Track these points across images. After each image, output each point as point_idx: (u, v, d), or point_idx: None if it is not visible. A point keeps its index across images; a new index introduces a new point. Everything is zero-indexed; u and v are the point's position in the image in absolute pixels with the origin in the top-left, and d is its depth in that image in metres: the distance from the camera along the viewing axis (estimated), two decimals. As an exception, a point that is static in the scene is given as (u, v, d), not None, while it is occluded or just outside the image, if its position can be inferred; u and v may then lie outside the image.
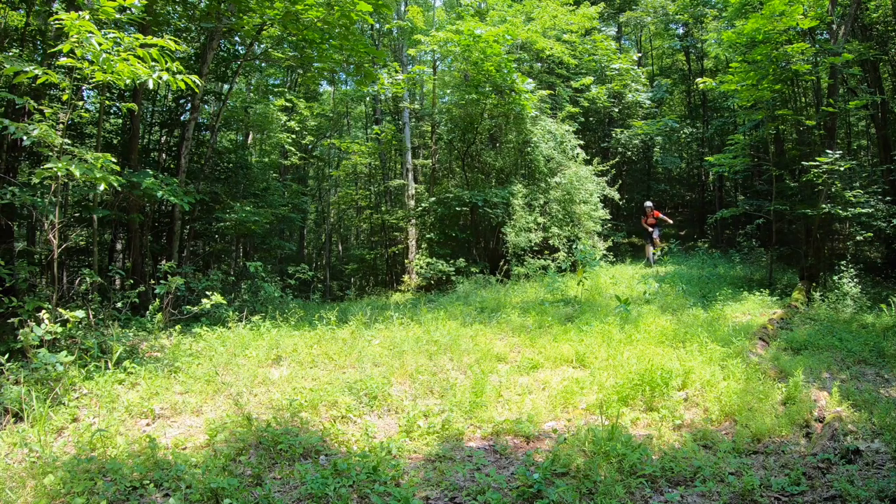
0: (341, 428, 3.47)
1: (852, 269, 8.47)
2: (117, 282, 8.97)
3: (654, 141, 18.56)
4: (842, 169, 8.84)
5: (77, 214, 9.22)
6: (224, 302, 5.97)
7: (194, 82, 4.86)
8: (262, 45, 11.28)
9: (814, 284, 9.05)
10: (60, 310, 4.29)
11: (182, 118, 11.80)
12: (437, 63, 17.83)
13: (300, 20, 9.02)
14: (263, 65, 13.55)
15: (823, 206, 9.14)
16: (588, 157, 14.07)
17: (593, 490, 2.68)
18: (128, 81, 4.81)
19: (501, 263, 11.23)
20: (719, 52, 15.81)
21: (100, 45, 4.44)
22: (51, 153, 4.71)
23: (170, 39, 4.75)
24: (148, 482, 2.68)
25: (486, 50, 11.38)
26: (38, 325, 4.02)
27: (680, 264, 12.92)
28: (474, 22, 12.41)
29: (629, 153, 17.93)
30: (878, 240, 12.06)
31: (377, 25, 17.70)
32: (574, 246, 11.15)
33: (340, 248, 24.01)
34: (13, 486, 2.64)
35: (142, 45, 4.74)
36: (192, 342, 5.18)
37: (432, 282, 12.40)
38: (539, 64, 15.71)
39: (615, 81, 17.13)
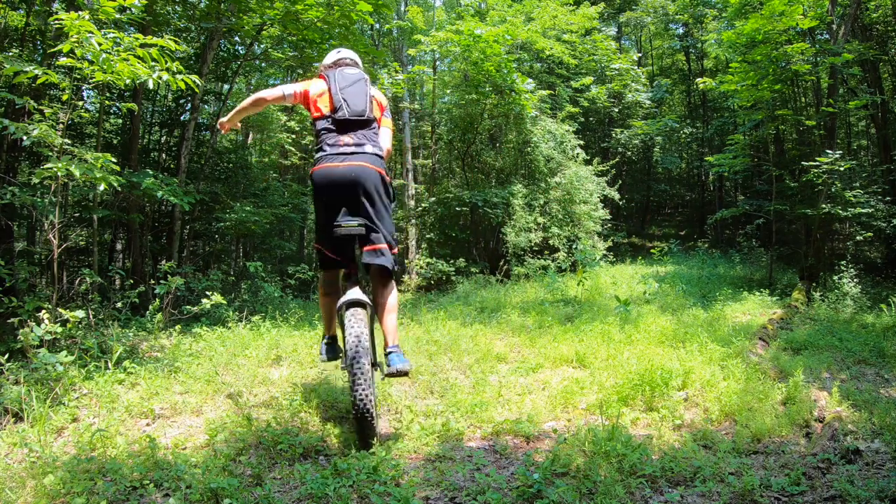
0: (341, 428, 3.47)
1: (852, 269, 8.48)
2: (117, 282, 8.97)
3: (654, 141, 18.58)
4: (842, 169, 8.84)
5: (77, 214, 9.21)
6: (224, 302, 5.95)
7: (194, 82, 4.85)
8: (262, 45, 11.28)
9: (814, 284, 9.05)
10: (60, 310, 4.28)
11: (182, 118, 11.80)
12: (437, 63, 17.83)
13: (300, 20, 9.02)
14: (263, 65, 13.53)
15: (823, 206, 9.14)
16: (588, 157, 14.07)
17: (593, 490, 2.67)
18: (128, 81, 4.80)
19: (501, 263, 11.23)
20: (719, 52, 15.84)
21: (100, 45, 4.44)
22: (51, 153, 4.70)
23: (170, 39, 4.75)
24: (148, 482, 2.68)
25: (486, 50, 11.38)
26: (38, 325, 4.01)
27: (680, 264, 12.93)
28: (474, 22, 12.41)
29: (629, 153, 17.94)
30: (878, 240, 12.07)
31: (377, 25, 17.67)
32: (574, 246, 11.16)
33: (340, 248, 23.94)
34: (13, 486, 2.64)
35: (142, 45, 4.73)
36: (192, 342, 5.17)
37: (432, 282, 12.40)
38: (539, 64, 15.71)
39: (615, 81, 17.13)
